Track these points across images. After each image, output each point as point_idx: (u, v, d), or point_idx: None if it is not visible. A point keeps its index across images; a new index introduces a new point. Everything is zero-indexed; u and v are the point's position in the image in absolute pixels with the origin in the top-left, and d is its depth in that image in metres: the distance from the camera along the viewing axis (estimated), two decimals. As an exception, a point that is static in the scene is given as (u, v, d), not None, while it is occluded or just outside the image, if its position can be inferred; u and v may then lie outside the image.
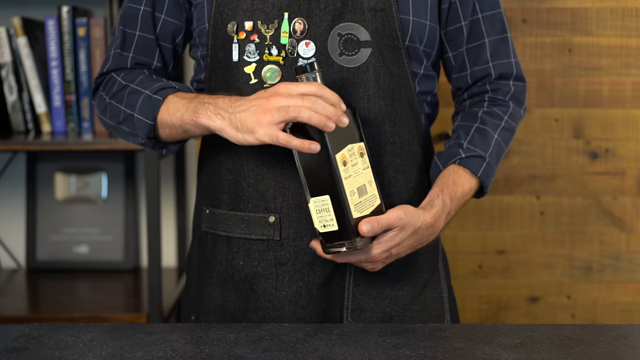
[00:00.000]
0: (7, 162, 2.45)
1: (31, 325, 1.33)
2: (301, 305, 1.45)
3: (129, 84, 1.46)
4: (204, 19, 1.46)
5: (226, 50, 1.44)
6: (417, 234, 1.37)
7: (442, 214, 1.42)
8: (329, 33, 1.42)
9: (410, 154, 1.48)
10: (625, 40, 2.38)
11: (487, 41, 1.51)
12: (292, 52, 1.42)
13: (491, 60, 1.52)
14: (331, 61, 1.42)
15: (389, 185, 1.45)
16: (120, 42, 1.51)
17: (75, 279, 2.34)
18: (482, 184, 1.48)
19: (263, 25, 1.42)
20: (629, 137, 2.40)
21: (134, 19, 1.50)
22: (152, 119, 1.41)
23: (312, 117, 1.27)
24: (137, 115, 1.42)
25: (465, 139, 1.49)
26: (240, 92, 1.43)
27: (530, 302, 2.46)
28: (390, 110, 1.44)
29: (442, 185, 1.44)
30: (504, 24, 1.52)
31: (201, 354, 1.22)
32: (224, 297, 1.49)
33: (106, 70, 1.52)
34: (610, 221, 2.42)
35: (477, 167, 1.46)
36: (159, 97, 1.41)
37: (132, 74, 1.49)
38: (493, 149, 1.49)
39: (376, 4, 1.42)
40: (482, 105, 1.53)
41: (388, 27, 1.42)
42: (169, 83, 1.44)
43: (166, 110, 1.40)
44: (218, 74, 1.46)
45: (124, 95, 1.45)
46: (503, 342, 1.26)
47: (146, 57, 1.51)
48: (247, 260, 1.46)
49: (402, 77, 1.45)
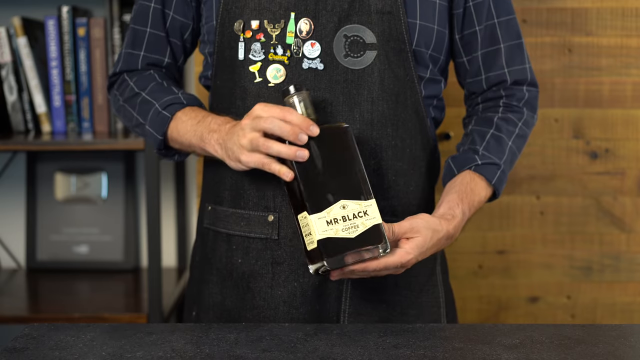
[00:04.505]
0: (7, 162, 2.45)
1: (31, 325, 1.33)
2: (295, 305, 1.45)
3: (141, 92, 1.50)
4: (212, 16, 1.47)
5: (232, 48, 1.44)
6: (440, 242, 1.38)
7: (461, 224, 1.42)
8: (334, 34, 1.42)
9: (413, 157, 1.48)
10: (625, 40, 2.38)
11: (502, 47, 1.51)
12: (297, 52, 1.42)
13: (507, 66, 1.52)
14: (336, 62, 1.42)
15: (388, 188, 1.45)
16: (131, 41, 1.55)
17: (75, 279, 2.34)
18: (495, 191, 1.48)
19: (269, 24, 1.43)
20: (629, 137, 2.40)
21: (145, 16, 1.53)
22: (161, 134, 1.46)
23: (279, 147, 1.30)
24: (148, 128, 1.47)
25: (481, 144, 1.49)
26: (245, 90, 1.44)
27: (530, 302, 2.46)
28: (394, 113, 1.44)
29: (461, 193, 1.44)
30: (518, 30, 1.53)
31: (201, 354, 1.22)
32: (223, 294, 1.50)
33: (119, 71, 1.57)
34: (610, 221, 2.42)
35: (493, 174, 1.47)
36: (167, 113, 1.45)
37: (144, 79, 1.52)
38: (507, 156, 1.49)
39: (383, 6, 1.42)
40: (497, 111, 1.53)
41: (395, 30, 1.42)
42: (177, 97, 1.47)
43: (175, 129, 1.45)
44: (224, 71, 1.47)
45: (136, 103, 1.50)
46: (503, 342, 1.26)
47: (157, 54, 1.54)
48: (246, 258, 1.47)
49: (408, 81, 1.45)
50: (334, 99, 1.42)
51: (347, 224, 1.29)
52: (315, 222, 1.28)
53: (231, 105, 1.46)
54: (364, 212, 1.30)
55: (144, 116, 1.48)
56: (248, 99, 1.44)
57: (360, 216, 1.30)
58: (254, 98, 1.43)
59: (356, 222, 1.30)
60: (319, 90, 1.42)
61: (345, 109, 1.42)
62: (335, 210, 1.29)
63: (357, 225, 1.30)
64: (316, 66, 1.42)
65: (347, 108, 1.42)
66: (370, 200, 1.31)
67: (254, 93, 1.43)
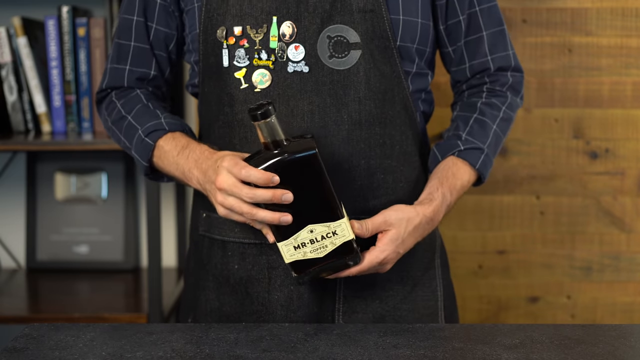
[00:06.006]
0: (7, 162, 2.45)
1: (31, 325, 1.33)
2: (292, 309, 1.45)
3: (127, 116, 1.51)
4: (195, 25, 1.47)
5: (217, 55, 1.44)
6: (418, 229, 1.39)
7: (441, 207, 1.43)
8: (318, 36, 1.41)
9: (402, 154, 1.47)
10: (625, 40, 2.38)
11: (485, 34, 1.52)
12: (282, 56, 1.42)
13: (490, 54, 1.53)
14: (321, 64, 1.41)
15: (377, 187, 1.45)
16: (116, 55, 1.55)
17: (75, 279, 2.34)
18: (481, 175, 1.49)
19: (252, 29, 1.42)
20: (629, 137, 2.40)
21: (129, 30, 1.53)
22: (146, 161, 1.48)
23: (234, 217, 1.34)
24: (134, 154, 1.49)
25: (464, 130, 1.50)
26: (232, 97, 1.44)
27: (530, 302, 2.46)
28: (382, 111, 1.44)
29: (442, 178, 1.45)
30: (500, 17, 1.54)
31: (201, 354, 1.22)
32: (220, 300, 1.50)
33: (105, 87, 1.57)
34: (610, 221, 2.42)
35: (476, 159, 1.47)
36: (150, 141, 1.47)
37: (130, 101, 1.53)
38: (491, 140, 1.50)
39: (365, 5, 1.41)
40: (480, 96, 1.54)
41: (378, 28, 1.42)
42: (159, 123, 1.48)
43: (159, 158, 1.47)
44: (210, 78, 1.47)
45: (123, 127, 1.51)
46: (503, 342, 1.26)
47: (143, 68, 1.54)
48: (242, 264, 1.47)
49: (395, 77, 1.45)
50: (321, 101, 1.41)
51: (316, 246, 1.33)
52: (283, 248, 1.33)
53: (220, 113, 1.46)
54: (332, 232, 1.32)
55: (130, 141, 1.50)
56: (236, 105, 1.44)
57: (328, 237, 1.32)
58: (241, 104, 1.43)
59: (325, 242, 1.33)
60: (305, 93, 1.41)
61: (333, 110, 1.41)
62: (302, 235, 1.32)
63: (325, 245, 1.33)
64: (301, 69, 1.41)
65: (335, 109, 1.42)
66: (340, 220, 1.32)
67: (240, 99, 1.43)
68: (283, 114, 1.41)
